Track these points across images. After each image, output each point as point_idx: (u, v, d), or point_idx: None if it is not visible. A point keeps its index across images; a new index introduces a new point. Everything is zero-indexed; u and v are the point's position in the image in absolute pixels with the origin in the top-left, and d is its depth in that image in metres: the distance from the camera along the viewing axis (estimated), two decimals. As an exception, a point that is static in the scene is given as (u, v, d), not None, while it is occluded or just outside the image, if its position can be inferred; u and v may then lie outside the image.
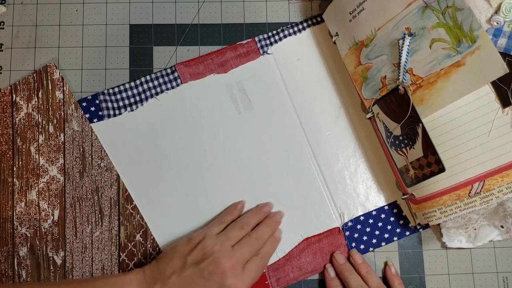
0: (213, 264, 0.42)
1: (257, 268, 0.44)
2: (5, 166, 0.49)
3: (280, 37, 0.53)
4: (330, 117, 0.52)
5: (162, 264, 0.43)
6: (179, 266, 0.42)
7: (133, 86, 0.51)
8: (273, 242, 0.48)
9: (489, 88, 0.42)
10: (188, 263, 0.42)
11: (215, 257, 0.42)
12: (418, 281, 0.49)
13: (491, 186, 0.42)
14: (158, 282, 0.41)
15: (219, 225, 0.47)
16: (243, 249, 0.44)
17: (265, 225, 0.48)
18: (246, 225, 0.47)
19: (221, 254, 0.42)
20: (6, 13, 0.52)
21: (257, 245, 0.45)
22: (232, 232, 0.46)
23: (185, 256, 0.43)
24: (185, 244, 0.44)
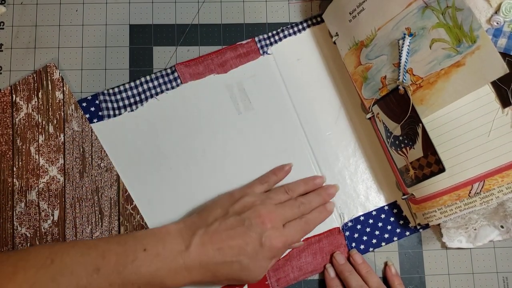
0: (254, 214, 0.42)
1: (297, 230, 0.44)
2: (5, 166, 0.49)
3: (280, 37, 0.53)
4: (330, 117, 0.52)
5: (205, 213, 0.44)
6: (221, 215, 0.43)
7: (133, 86, 0.51)
8: (321, 211, 0.47)
9: (489, 88, 0.42)
10: (230, 212, 0.43)
11: (256, 209, 0.43)
12: (418, 281, 0.49)
13: (491, 186, 0.42)
14: (201, 228, 0.42)
15: (262, 184, 0.47)
16: (285, 208, 0.45)
17: (316, 194, 0.48)
18: (291, 191, 0.47)
19: (262, 207, 0.43)
20: (6, 13, 0.52)
21: (302, 209, 0.46)
22: (276, 194, 0.46)
23: (227, 207, 0.44)
24: (227, 198, 0.45)
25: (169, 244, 0.40)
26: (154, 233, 0.41)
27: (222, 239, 0.41)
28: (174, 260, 0.40)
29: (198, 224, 0.42)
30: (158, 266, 0.39)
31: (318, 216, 0.47)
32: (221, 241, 0.41)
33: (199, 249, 0.40)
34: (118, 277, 0.38)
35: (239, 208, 0.43)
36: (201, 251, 0.40)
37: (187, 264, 0.40)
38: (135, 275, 0.38)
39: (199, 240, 0.41)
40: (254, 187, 0.47)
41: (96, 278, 0.37)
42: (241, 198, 0.44)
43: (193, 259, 0.40)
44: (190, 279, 0.40)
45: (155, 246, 0.40)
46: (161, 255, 0.40)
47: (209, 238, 0.41)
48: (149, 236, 0.41)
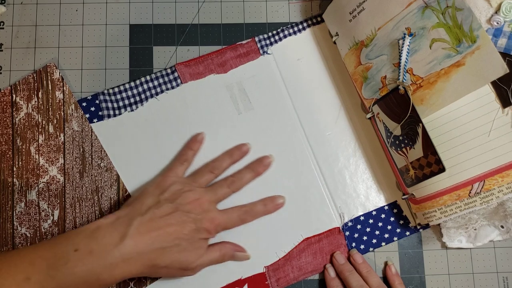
0: (185, 200, 0.43)
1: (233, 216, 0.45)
2: (5, 166, 0.49)
3: (280, 37, 0.53)
4: (330, 117, 0.52)
5: (137, 204, 0.43)
6: (153, 203, 0.43)
7: (133, 86, 0.51)
8: (267, 204, 0.48)
9: (489, 88, 0.42)
10: (161, 200, 0.43)
11: (186, 195, 0.43)
12: (418, 281, 0.49)
13: (491, 186, 0.42)
14: (135, 218, 0.41)
15: (182, 164, 0.47)
16: (215, 190, 0.45)
17: (248, 168, 0.48)
18: (217, 169, 0.47)
19: (191, 194, 0.44)
20: (6, 13, 0.52)
21: (233, 187, 0.46)
22: (201, 176, 0.46)
23: (157, 196, 0.44)
24: (155, 187, 0.45)
25: (102, 239, 0.39)
26: (84, 231, 0.40)
27: (159, 226, 0.41)
28: (109, 254, 0.39)
29: (131, 214, 0.42)
30: (92, 263, 0.38)
31: (261, 208, 0.47)
32: (158, 228, 0.41)
33: (135, 239, 0.40)
34: (52, 282, 0.37)
35: (169, 196, 0.43)
36: (138, 241, 0.40)
37: (124, 256, 0.39)
38: (70, 276, 0.38)
39: (135, 230, 0.40)
40: (176, 169, 0.46)
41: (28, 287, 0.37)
42: (169, 186, 0.44)
43: (130, 250, 0.39)
44: (129, 271, 0.40)
45: (87, 244, 0.39)
46: (95, 252, 0.39)
47: (146, 226, 0.41)
48: (79, 235, 0.40)
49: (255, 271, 0.48)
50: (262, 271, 0.48)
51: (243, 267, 0.48)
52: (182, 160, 0.47)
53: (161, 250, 0.41)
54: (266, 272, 0.48)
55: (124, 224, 0.41)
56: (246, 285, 0.48)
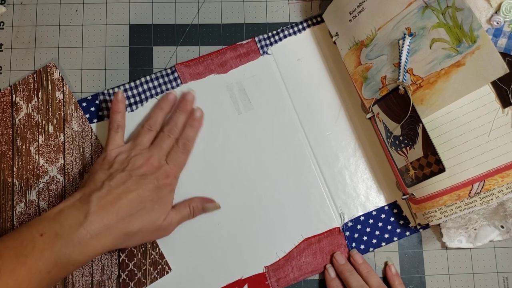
0: (135, 166, 0.44)
1: (178, 156, 0.46)
2: (5, 166, 0.49)
3: (280, 37, 0.53)
4: (330, 117, 0.52)
5: (90, 182, 0.43)
6: (106, 177, 0.43)
7: (133, 86, 0.51)
8: (192, 124, 0.48)
9: (489, 88, 0.42)
10: (113, 172, 0.43)
11: (134, 160, 0.44)
12: (418, 281, 0.49)
13: (491, 186, 0.42)
14: (93, 194, 0.41)
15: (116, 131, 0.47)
16: (158, 146, 0.46)
17: (178, 112, 0.48)
18: (153, 126, 0.47)
19: (139, 157, 0.44)
20: (6, 13, 0.52)
21: (173, 136, 0.47)
22: (142, 137, 0.47)
23: (107, 169, 0.44)
24: (102, 163, 0.45)
25: (65, 220, 0.39)
26: (46, 217, 0.40)
27: (119, 196, 0.41)
28: (76, 234, 0.39)
29: (88, 192, 0.41)
30: (60, 245, 0.38)
31: (191, 130, 0.48)
32: (119, 198, 0.41)
33: (100, 213, 0.40)
34: (22, 269, 0.37)
35: (118, 166, 0.44)
36: (103, 214, 0.40)
37: (93, 232, 0.39)
38: (39, 261, 0.37)
39: (96, 206, 0.40)
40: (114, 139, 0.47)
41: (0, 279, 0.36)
42: (115, 158, 0.45)
43: (97, 225, 0.39)
44: (102, 246, 0.40)
45: (51, 227, 0.39)
46: (60, 234, 0.38)
47: (105, 200, 0.41)
48: (42, 221, 0.39)
49: (255, 271, 0.48)
50: (262, 271, 0.48)
51: (243, 267, 0.48)
52: (115, 127, 0.47)
53: (129, 218, 0.41)
54: (266, 272, 0.48)
55: (84, 202, 0.41)
56: (246, 285, 0.48)
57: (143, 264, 0.48)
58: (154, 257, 0.48)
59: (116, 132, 0.47)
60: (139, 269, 0.48)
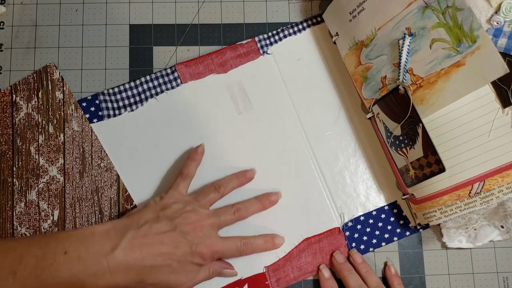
0: (185, 221, 0.42)
1: (232, 247, 0.44)
2: (5, 166, 0.49)
3: (280, 37, 0.53)
4: (330, 117, 0.52)
5: (135, 216, 0.42)
6: (152, 218, 0.42)
7: (133, 86, 0.51)
8: (267, 241, 0.47)
9: (489, 88, 0.42)
10: (161, 216, 0.42)
11: (187, 216, 0.42)
12: (418, 281, 0.49)
13: (491, 186, 0.42)
14: (130, 230, 0.40)
15: (184, 179, 0.46)
16: (218, 215, 0.44)
17: (256, 199, 0.47)
18: (223, 187, 0.46)
19: (193, 214, 0.43)
20: (6, 13, 0.52)
21: (237, 215, 0.45)
22: (205, 195, 0.45)
23: (158, 211, 0.43)
24: (158, 203, 0.44)
25: (93, 246, 0.38)
26: (77, 235, 0.39)
27: (153, 243, 0.40)
28: (96, 263, 0.38)
29: (127, 226, 0.41)
30: (78, 269, 0.37)
31: (261, 244, 0.46)
32: (152, 245, 0.40)
33: (126, 252, 0.39)
34: (35, 281, 0.36)
35: (170, 214, 0.42)
36: (129, 254, 0.39)
37: (112, 267, 0.38)
38: (54, 278, 0.37)
39: (128, 243, 0.39)
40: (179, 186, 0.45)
41: (12, 282, 0.36)
42: (171, 204, 0.43)
43: (118, 262, 0.38)
44: (114, 283, 0.39)
45: (77, 248, 0.38)
46: (83, 258, 0.38)
47: (139, 241, 0.40)
48: (71, 238, 0.39)
49: (255, 271, 0.48)
50: (262, 271, 0.48)
51: (243, 267, 0.48)
52: (184, 175, 0.46)
53: (151, 268, 0.40)
54: (266, 272, 0.48)
55: (118, 234, 0.40)
56: (246, 285, 0.48)
57: (143, 264, 0.48)
58: (154, 257, 0.48)
59: (184, 179, 0.46)
60: (139, 269, 0.48)
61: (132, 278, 0.39)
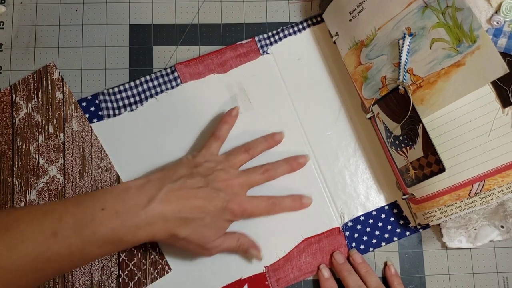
0: (217, 178, 0.43)
1: (260, 206, 0.45)
2: (4, 166, 0.49)
3: (280, 37, 0.53)
4: (330, 117, 0.52)
5: (170, 171, 0.43)
6: (186, 174, 0.43)
7: (132, 86, 0.51)
8: (295, 200, 0.48)
9: (489, 88, 0.42)
10: (194, 173, 0.43)
11: (219, 174, 0.44)
12: (418, 281, 0.49)
13: (491, 186, 0.42)
14: (166, 184, 0.41)
15: (216, 140, 0.47)
16: (248, 175, 0.46)
17: (284, 161, 0.48)
18: (252, 149, 0.47)
19: (224, 173, 0.44)
20: (5, 13, 0.52)
21: (266, 175, 0.46)
22: (236, 156, 0.46)
23: (191, 168, 0.44)
24: (190, 160, 0.45)
25: (129, 200, 0.39)
26: (112, 191, 0.40)
27: (188, 197, 0.41)
28: (135, 216, 0.39)
29: (163, 180, 0.42)
30: (117, 223, 0.38)
31: (289, 203, 0.47)
32: (187, 198, 0.41)
33: (163, 204, 0.40)
34: (77, 239, 0.37)
35: (202, 171, 0.43)
36: (165, 206, 0.40)
37: (149, 218, 0.39)
38: (94, 235, 0.38)
39: (164, 195, 0.40)
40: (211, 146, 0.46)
41: (54, 242, 0.36)
42: (203, 162, 0.44)
43: (156, 213, 0.39)
44: (152, 234, 0.40)
45: (113, 204, 0.39)
46: (121, 212, 0.39)
47: (175, 194, 0.41)
48: (107, 195, 0.40)
49: (255, 271, 0.48)
50: (262, 271, 0.48)
51: (243, 267, 0.48)
52: (217, 137, 0.47)
53: (185, 220, 0.41)
54: (266, 272, 0.48)
55: (154, 187, 0.41)
56: (246, 285, 0.48)
57: (143, 264, 0.48)
58: (154, 257, 0.48)
59: (216, 141, 0.47)
60: (139, 269, 0.48)
61: (167, 230, 0.40)
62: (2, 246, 0.35)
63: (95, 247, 0.38)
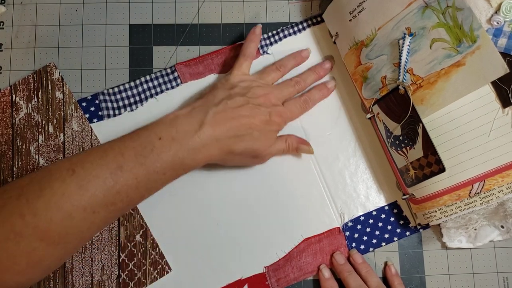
0: (255, 95, 0.46)
1: (296, 106, 0.49)
2: (4, 166, 0.49)
3: (280, 37, 0.53)
4: (330, 117, 0.52)
5: (210, 96, 0.45)
6: (225, 96, 0.45)
7: (132, 86, 0.51)
8: (321, 89, 0.51)
9: (489, 88, 0.42)
10: (232, 94, 0.45)
11: (255, 90, 0.46)
12: (418, 281, 0.49)
13: (491, 186, 0.42)
14: (210, 108, 0.43)
15: (246, 59, 0.49)
16: (281, 88, 0.48)
17: (310, 71, 0.51)
18: (283, 67, 0.50)
19: (259, 89, 0.46)
20: (5, 13, 0.52)
21: (297, 87, 0.49)
22: (268, 74, 0.49)
23: (228, 90, 0.46)
24: (225, 83, 0.47)
25: (181, 126, 0.42)
26: (163, 121, 0.42)
27: (233, 116, 0.43)
28: (190, 140, 0.41)
29: (206, 105, 0.44)
30: (176, 148, 0.40)
31: (317, 93, 0.50)
32: (232, 118, 0.43)
33: (213, 125, 0.42)
34: (141, 168, 0.39)
35: (240, 91, 0.46)
36: (215, 128, 0.42)
37: (204, 141, 0.41)
38: (157, 162, 0.40)
39: (212, 119, 0.42)
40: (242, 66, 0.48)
41: (121, 175, 0.38)
42: (238, 83, 0.47)
43: (208, 136, 0.42)
44: (209, 155, 0.42)
45: (168, 132, 0.41)
46: (176, 138, 0.41)
47: (221, 116, 0.43)
48: (159, 125, 0.42)
49: (255, 271, 0.48)
50: (262, 271, 0.48)
51: (243, 267, 0.48)
52: (246, 55, 0.49)
53: (236, 138, 0.43)
54: (266, 272, 0.48)
55: (200, 113, 0.43)
56: (246, 285, 0.48)
57: (143, 264, 0.48)
58: (154, 257, 0.48)
59: (245, 60, 0.49)
60: (139, 269, 0.48)
61: (223, 149, 0.43)
62: (73, 186, 0.37)
63: (160, 174, 0.40)
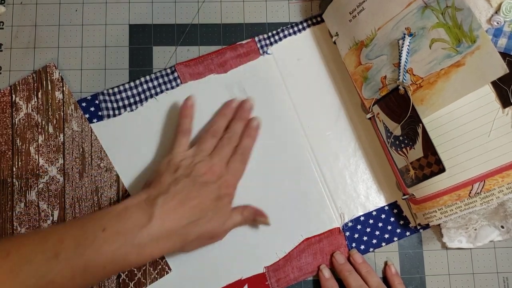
0: (199, 172, 0.44)
1: (237, 165, 0.46)
2: (4, 166, 0.49)
3: (280, 37, 0.53)
4: (330, 117, 0.52)
5: (157, 183, 0.43)
6: (172, 180, 0.43)
7: (132, 86, 0.51)
8: (250, 134, 0.49)
9: (489, 88, 0.42)
10: (178, 177, 0.43)
11: (199, 167, 0.44)
12: (418, 282, 0.49)
13: (491, 186, 0.42)
14: (159, 197, 0.41)
15: (184, 135, 0.47)
16: (219, 153, 0.46)
17: (236, 120, 0.49)
18: (217, 132, 0.48)
19: (202, 164, 0.44)
20: (5, 13, 0.52)
21: (232, 143, 0.47)
22: (205, 144, 0.47)
23: (173, 173, 0.44)
24: (167, 165, 0.45)
25: (129, 220, 0.40)
26: (111, 212, 0.40)
27: (183, 202, 0.42)
28: (137, 235, 0.39)
29: (154, 194, 0.42)
30: (120, 243, 0.38)
31: (248, 140, 0.48)
32: (182, 204, 0.41)
33: (163, 218, 0.40)
34: (79, 260, 0.37)
35: (184, 171, 0.44)
36: (165, 220, 0.40)
37: (153, 236, 0.39)
38: (97, 255, 0.38)
39: (161, 209, 0.40)
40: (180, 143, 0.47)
41: (56, 264, 0.36)
42: (180, 162, 0.45)
43: (159, 229, 0.40)
44: (159, 250, 0.40)
45: (114, 224, 0.39)
46: (121, 232, 0.39)
47: (170, 204, 0.41)
48: (107, 216, 0.40)
49: (255, 272, 0.48)
50: (262, 271, 0.48)
51: (243, 267, 0.48)
52: (183, 132, 0.47)
53: (190, 225, 0.41)
54: (266, 272, 0.48)
55: (149, 204, 0.41)
56: (246, 286, 0.48)
57: (143, 264, 0.48)
58: (154, 257, 0.48)
59: (183, 136, 0.47)
60: (139, 269, 0.48)
61: (175, 240, 0.41)
62: (5, 269, 0.35)
63: (100, 267, 0.38)
